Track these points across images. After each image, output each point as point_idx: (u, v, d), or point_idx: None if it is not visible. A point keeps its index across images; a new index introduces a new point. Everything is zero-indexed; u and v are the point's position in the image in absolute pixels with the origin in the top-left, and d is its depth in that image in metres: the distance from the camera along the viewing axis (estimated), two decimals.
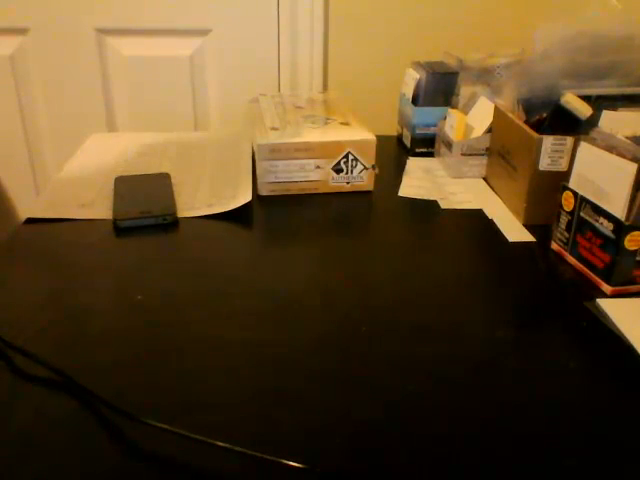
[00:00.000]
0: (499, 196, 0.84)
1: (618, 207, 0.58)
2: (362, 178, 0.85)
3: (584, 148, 0.64)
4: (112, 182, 0.83)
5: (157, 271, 0.64)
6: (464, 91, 0.95)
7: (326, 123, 0.88)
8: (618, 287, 0.61)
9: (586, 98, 0.73)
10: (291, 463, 0.39)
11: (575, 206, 0.65)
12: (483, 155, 0.89)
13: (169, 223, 0.74)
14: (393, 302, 0.59)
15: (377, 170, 0.85)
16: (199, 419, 0.44)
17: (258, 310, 0.58)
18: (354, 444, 0.42)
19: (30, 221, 0.75)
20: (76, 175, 0.87)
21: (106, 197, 0.80)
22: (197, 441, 0.41)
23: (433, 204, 0.82)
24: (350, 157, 0.83)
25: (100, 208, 0.77)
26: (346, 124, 0.88)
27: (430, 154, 0.99)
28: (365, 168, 0.84)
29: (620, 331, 0.55)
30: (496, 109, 0.84)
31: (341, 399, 0.46)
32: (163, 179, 0.84)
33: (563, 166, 0.71)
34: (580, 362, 0.51)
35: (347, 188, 0.85)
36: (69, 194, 0.81)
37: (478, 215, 0.79)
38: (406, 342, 0.53)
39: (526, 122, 0.77)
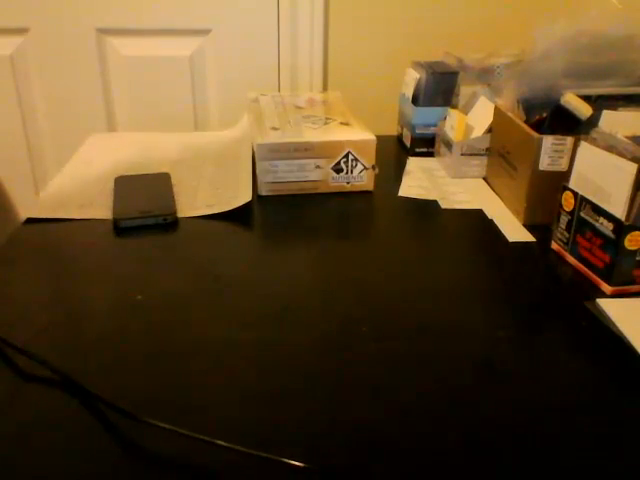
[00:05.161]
0: (499, 196, 0.84)
1: (618, 207, 0.58)
2: (362, 178, 0.85)
3: (584, 148, 0.64)
4: (112, 182, 0.83)
5: (157, 271, 0.64)
6: (464, 91, 0.95)
7: (326, 123, 0.88)
8: (618, 287, 0.61)
9: (586, 98, 0.73)
10: (291, 462, 0.39)
11: (575, 206, 0.65)
12: (483, 155, 0.89)
13: (169, 223, 0.74)
14: (393, 302, 0.59)
15: (377, 170, 0.85)
16: (199, 419, 0.44)
17: (258, 310, 0.58)
18: (354, 444, 0.42)
19: (30, 221, 0.75)
20: (76, 175, 0.87)
21: (106, 197, 0.80)
22: (197, 440, 0.41)
23: (433, 204, 0.82)
24: (350, 157, 0.83)
25: (100, 208, 0.77)
26: (346, 124, 0.88)
27: (430, 154, 0.99)
28: (365, 168, 0.84)
29: (620, 331, 0.55)
30: (496, 109, 0.84)
31: (341, 399, 0.46)
32: (163, 179, 0.84)
33: (563, 166, 0.71)
34: (580, 362, 0.51)
35: (347, 188, 0.85)
36: (69, 194, 0.81)
37: (478, 215, 0.79)
38: (406, 342, 0.53)
39: (526, 122, 0.77)
